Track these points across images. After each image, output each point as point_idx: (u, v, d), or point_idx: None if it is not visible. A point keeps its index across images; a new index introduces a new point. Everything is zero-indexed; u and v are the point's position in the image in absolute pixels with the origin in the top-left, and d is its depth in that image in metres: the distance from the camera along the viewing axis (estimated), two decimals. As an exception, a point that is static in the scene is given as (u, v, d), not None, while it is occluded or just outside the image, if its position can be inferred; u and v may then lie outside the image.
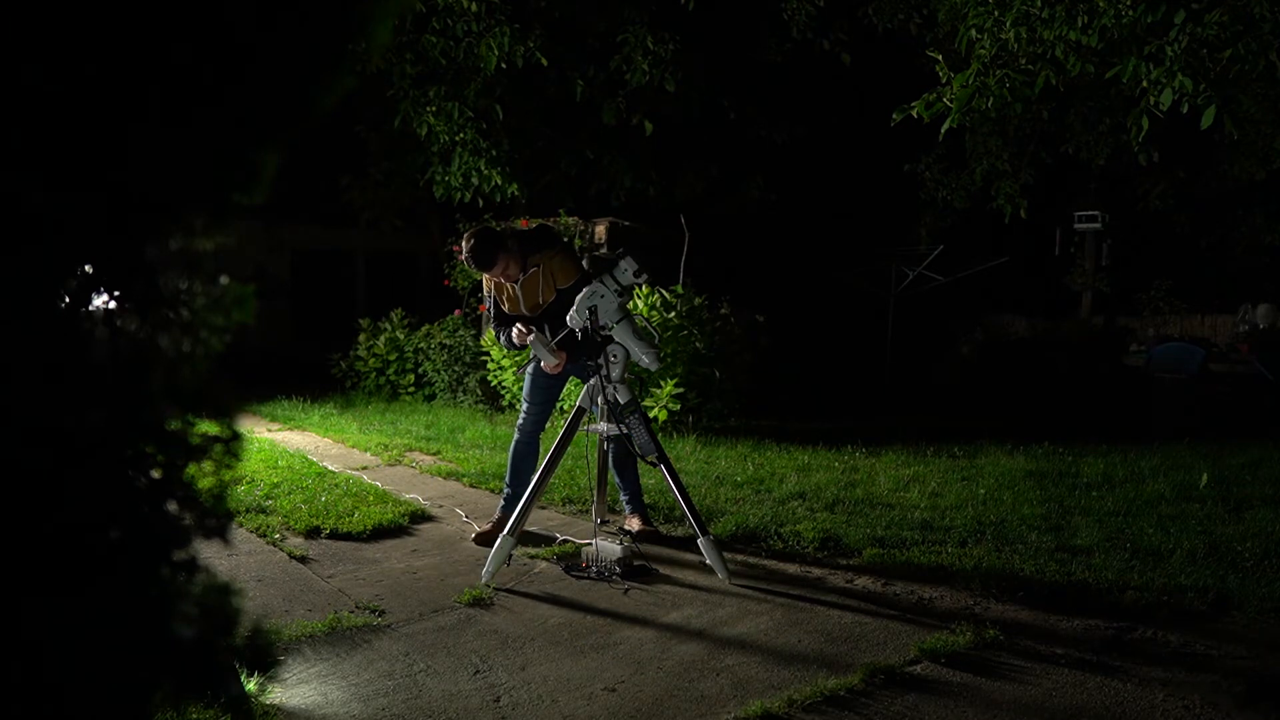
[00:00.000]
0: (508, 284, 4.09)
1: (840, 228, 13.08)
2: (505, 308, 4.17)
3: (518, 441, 4.28)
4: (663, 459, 3.59)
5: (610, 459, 4.11)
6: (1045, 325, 12.18)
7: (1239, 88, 5.38)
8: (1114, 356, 10.52)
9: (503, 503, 4.27)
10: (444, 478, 5.60)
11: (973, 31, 5.70)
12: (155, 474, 0.87)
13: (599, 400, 3.70)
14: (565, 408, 7.41)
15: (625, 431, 3.62)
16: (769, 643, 2.97)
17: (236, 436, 0.88)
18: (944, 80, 5.76)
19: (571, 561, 3.81)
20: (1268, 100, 6.06)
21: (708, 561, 3.56)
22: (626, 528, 4.21)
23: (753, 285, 10.84)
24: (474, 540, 4.16)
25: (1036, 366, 10.48)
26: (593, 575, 3.63)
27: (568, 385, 7.38)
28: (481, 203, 8.89)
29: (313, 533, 4.18)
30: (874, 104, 8.53)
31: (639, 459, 3.74)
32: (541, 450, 4.11)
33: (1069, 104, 8.65)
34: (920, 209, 11.86)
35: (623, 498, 4.37)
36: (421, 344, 9.31)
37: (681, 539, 4.16)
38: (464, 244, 4.01)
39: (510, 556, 3.54)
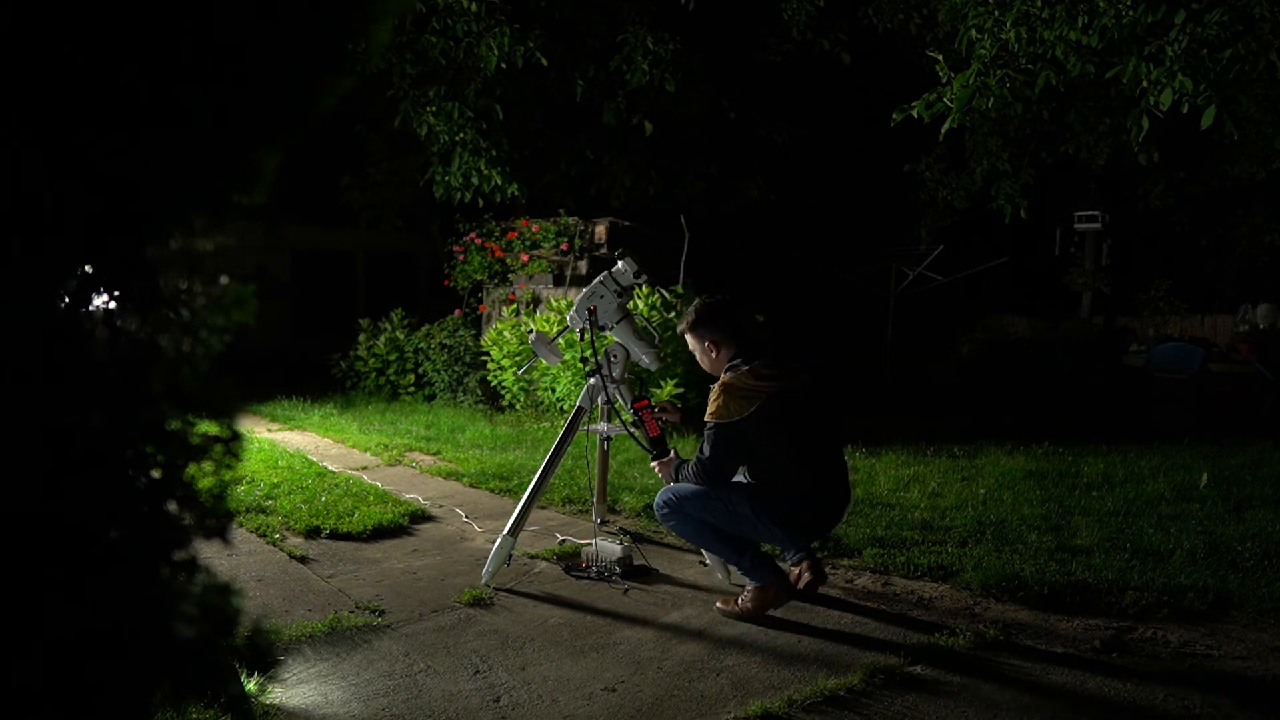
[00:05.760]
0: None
1: (840, 228, 13.08)
2: None
3: None
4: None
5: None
6: (1045, 325, 12.15)
7: (1239, 88, 5.37)
8: (1114, 356, 10.51)
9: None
10: (444, 478, 5.60)
11: (973, 31, 5.69)
12: (155, 474, 0.87)
13: (599, 400, 3.70)
14: (565, 408, 7.41)
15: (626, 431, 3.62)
16: (769, 643, 2.97)
17: (236, 436, 0.88)
18: (944, 80, 5.76)
19: (571, 561, 3.81)
20: (1268, 100, 6.05)
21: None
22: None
23: (753, 285, 10.83)
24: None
25: (1036, 366, 10.46)
26: (593, 575, 3.63)
27: (569, 385, 7.41)
28: (481, 203, 8.88)
29: (313, 533, 4.18)
30: (874, 104, 8.53)
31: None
32: (543, 450, 4.06)
33: (1069, 104, 8.64)
34: (920, 209, 11.84)
35: None
36: (421, 344, 9.31)
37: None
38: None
39: (510, 556, 3.54)
